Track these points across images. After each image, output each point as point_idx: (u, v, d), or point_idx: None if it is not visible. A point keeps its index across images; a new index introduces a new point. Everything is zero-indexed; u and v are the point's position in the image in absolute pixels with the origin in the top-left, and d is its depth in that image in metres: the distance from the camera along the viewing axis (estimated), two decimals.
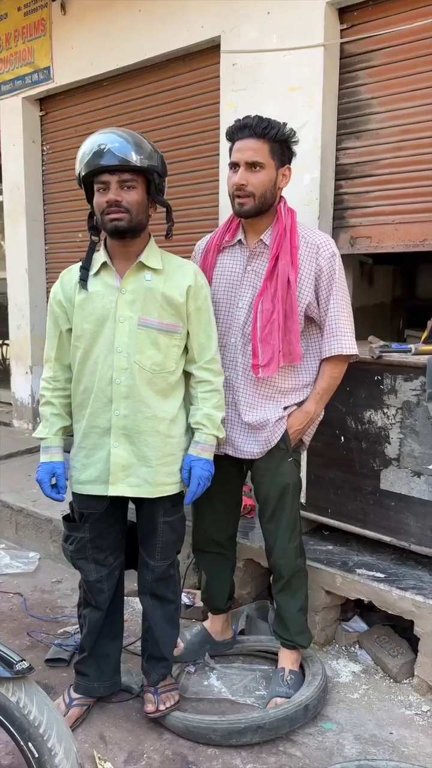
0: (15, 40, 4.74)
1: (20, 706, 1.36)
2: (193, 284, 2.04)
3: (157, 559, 2.16)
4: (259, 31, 3.36)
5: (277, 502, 2.26)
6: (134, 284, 2.00)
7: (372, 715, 2.26)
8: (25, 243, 4.99)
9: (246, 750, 2.08)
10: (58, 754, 1.35)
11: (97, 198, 1.94)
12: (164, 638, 2.22)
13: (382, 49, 3.10)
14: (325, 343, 2.20)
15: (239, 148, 2.11)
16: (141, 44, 3.93)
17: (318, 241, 2.16)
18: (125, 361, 1.99)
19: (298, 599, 2.35)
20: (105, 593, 2.19)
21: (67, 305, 2.06)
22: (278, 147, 2.11)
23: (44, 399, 2.16)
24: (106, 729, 2.18)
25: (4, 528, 3.74)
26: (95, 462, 2.07)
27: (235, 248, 2.26)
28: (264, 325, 2.14)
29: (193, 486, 2.09)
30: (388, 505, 2.50)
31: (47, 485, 2.12)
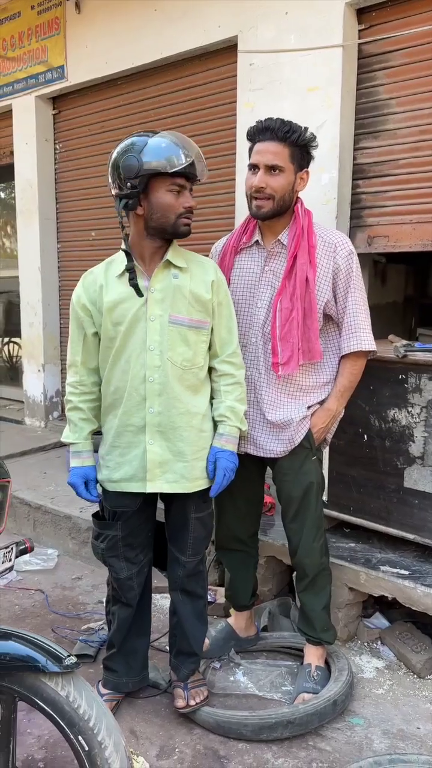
0: (28, 38, 4.75)
1: (70, 701, 1.38)
2: (216, 279, 2.09)
3: (188, 555, 2.19)
4: (276, 31, 3.37)
5: (300, 500, 2.29)
6: (162, 283, 2.03)
7: (398, 710, 2.29)
8: (38, 241, 5.00)
9: (276, 745, 2.10)
10: (108, 747, 1.37)
11: (170, 199, 1.97)
12: (194, 633, 2.25)
13: (400, 49, 3.12)
14: (344, 340, 2.22)
15: (260, 150, 2.13)
16: (156, 43, 3.94)
17: (335, 240, 2.19)
18: (158, 359, 2.02)
19: (322, 597, 2.37)
20: (135, 590, 2.22)
21: (92, 308, 2.07)
22: (298, 151, 2.14)
23: (71, 404, 2.17)
24: (137, 724, 2.21)
25: (21, 525, 3.77)
26: (130, 460, 2.09)
27: (253, 249, 2.29)
28: (283, 324, 2.17)
29: (219, 477, 2.11)
30: (411, 503, 2.52)
31: (82, 488, 2.15)
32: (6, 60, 4.93)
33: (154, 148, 1.91)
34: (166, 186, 1.95)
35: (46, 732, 2.15)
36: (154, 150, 1.91)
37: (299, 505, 2.29)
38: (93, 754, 1.36)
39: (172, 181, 1.94)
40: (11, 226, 5.81)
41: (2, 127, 5.28)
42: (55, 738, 2.12)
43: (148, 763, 2.02)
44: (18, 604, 3.03)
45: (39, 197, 4.95)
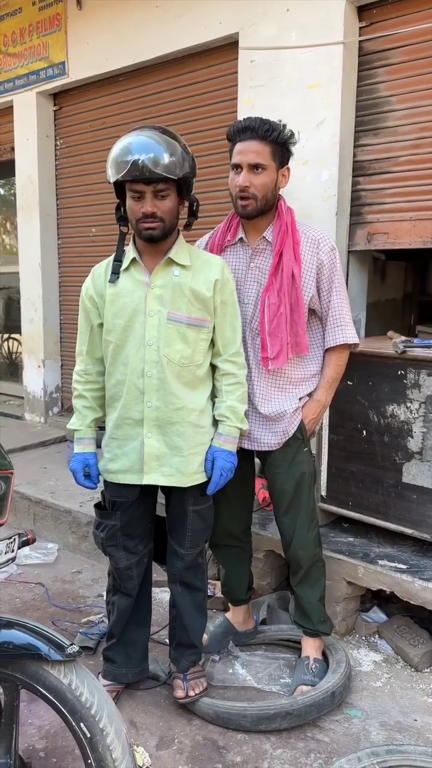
0: (29, 34, 4.75)
1: (72, 688, 1.40)
2: (220, 278, 2.09)
3: (186, 548, 2.21)
4: (277, 28, 3.38)
5: (293, 492, 2.31)
6: (163, 279, 2.04)
7: (395, 702, 2.31)
8: (38, 237, 5.01)
9: (275, 735, 2.12)
10: (110, 734, 1.39)
11: (132, 204, 1.98)
12: (193, 626, 2.27)
13: (400, 47, 3.13)
14: (329, 334, 2.27)
15: (241, 150, 2.14)
16: (157, 40, 3.95)
17: (317, 236, 2.23)
18: (155, 354, 2.04)
19: (317, 589, 2.39)
20: (134, 580, 2.24)
21: (98, 300, 2.11)
22: (279, 149, 2.16)
23: (76, 392, 2.22)
24: (136, 715, 2.23)
25: (22, 519, 3.78)
26: (128, 452, 2.12)
27: (237, 247, 2.31)
28: (272, 319, 2.20)
29: (215, 477, 2.14)
30: (410, 498, 2.54)
31: (80, 474, 2.19)
32: (7, 56, 4.94)
33: (112, 154, 1.95)
34: (128, 191, 1.98)
35: (47, 722, 2.17)
36: (111, 155, 1.95)
37: (292, 496, 2.32)
38: (95, 741, 1.38)
39: (130, 187, 1.95)
40: (11, 222, 5.82)
41: (3, 123, 5.29)
42: (55, 728, 2.15)
43: (147, 753, 2.04)
44: (18, 597, 3.05)
45: (39, 193, 4.96)
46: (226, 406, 2.15)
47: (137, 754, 2.03)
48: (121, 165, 1.90)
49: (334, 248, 2.25)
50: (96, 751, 1.38)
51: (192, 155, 2.02)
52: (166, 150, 1.90)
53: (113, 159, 1.94)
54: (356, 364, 2.61)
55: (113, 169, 1.94)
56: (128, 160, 1.88)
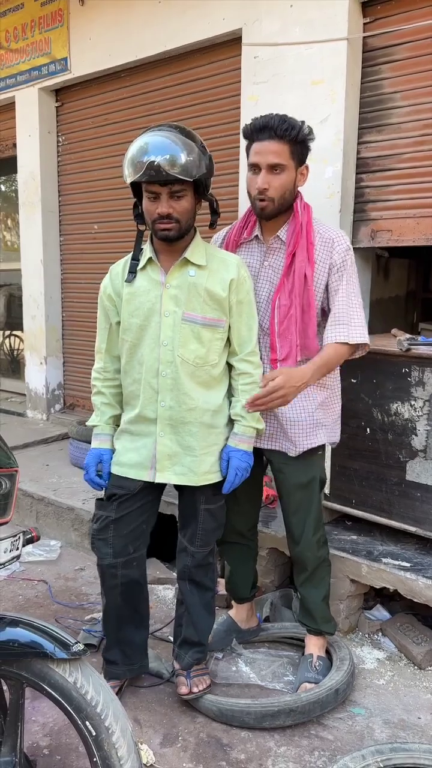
0: (31, 30, 4.74)
1: (77, 686, 1.40)
2: (236, 278, 2.08)
3: (197, 546, 2.21)
4: (281, 24, 3.37)
5: (303, 494, 2.30)
6: (178, 279, 2.04)
7: (399, 700, 2.31)
8: (40, 234, 5.00)
9: (279, 733, 2.12)
10: (115, 733, 1.39)
11: (147, 205, 1.98)
12: (201, 624, 2.27)
13: (405, 43, 3.12)
14: (329, 330, 2.13)
15: (259, 151, 2.10)
16: (160, 36, 3.94)
17: (333, 236, 2.18)
18: (170, 354, 2.04)
19: (321, 589, 2.39)
20: (117, 579, 2.19)
21: (116, 299, 2.12)
22: (298, 147, 2.12)
23: (95, 389, 2.25)
24: (140, 713, 2.23)
25: (24, 517, 3.79)
26: (139, 447, 2.12)
27: (252, 244, 2.29)
28: (282, 320, 2.18)
29: (231, 476, 2.13)
30: (413, 496, 2.54)
31: (93, 469, 2.19)
32: (9, 52, 4.92)
33: (129, 153, 1.94)
34: (144, 192, 1.97)
35: (51, 720, 2.17)
36: (128, 155, 1.94)
37: (301, 498, 2.30)
38: (100, 739, 1.38)
39: (146, 188, 1.95)
40: (13, 218, 5.81)
41: (5, 120, 5.27)
42: (60, 725, 2.15)
43: (151, 751, 2.04)
44: (21, 594, 3.05)
45: (42, 190, 4.94)
46: (242, 406, 2.13)
47: (141, 751, 2.03)
48: (137, 166, 1.89)
49: (348, 248, 2.19)
50: (101, 749, 1.38)
51: (209, 154, 1.99)
52: (182, 150, 1.88)
53: (130, 159, 1.92)
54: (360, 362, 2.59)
55: (130, 169, 1.92)
56: (144, 161, 1.87)
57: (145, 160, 1.86)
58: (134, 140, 1.95)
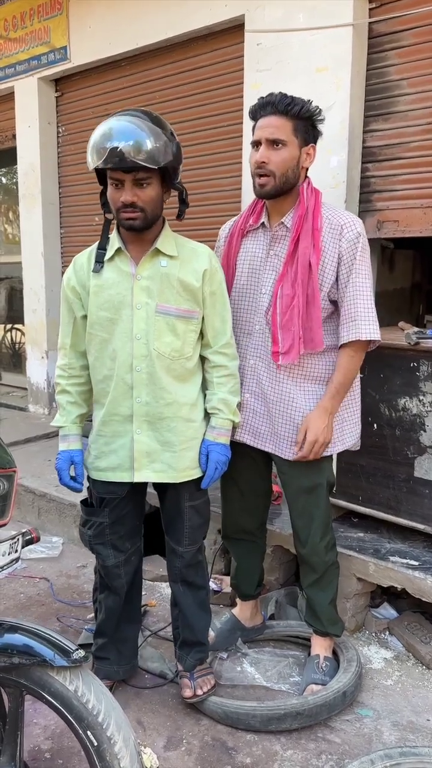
0: (30, 18, 4.66)
1: (78, 695, 1.35)
2: (209, 268, 2.03)
3: (185, 545, 2.16)
4: (285, 10, 3.29)
5: (309, 497, 2.24)
6: (150, 270, 1.98)
7: (407, 701, 2.26)
8: (41, 226, 4.94)
9: (285, 736, 2.08)
10: (118, 743, 1.35)
11: (111, 192, 1.90)
12: (198, 624, 2.23)
13: (411, 28, 3.04)
14: (342, 328, 2.10)
15: (261, 126, 2.05)
16: (161, 24, 3.86)
17: (342, 221, 2.08)
18: (145, 348, 1.98)
19: (329, 592, 2.34)
20: (122, 578, 2.19)
21: (81, 291, 2.03)
22: (302, 124, 2.04)
23: (60, 387, 2.15)
24: (143, 715, 2.19)
25: (26, 513, 3.74)
26: (116, 449, 2.06)
27: (259, 232, 2.22)
28: (284, 311, 2.09)
29: (210, 470, 2.10)
30: (422, 493, 2.49)
31: (66, 473, 2.11)
32: (8, 41, 4.84)
33: (92, 138, 1.85)
34: (109, 179, 1.90)
35: (53, 722, 2.14)
36: (91, 140, 1.86)
37: (307, 501, 2.24)
38: (102, 749, 1.34)
39: (110, 174, 1.88)
40: (14, 211, 5.74)
41: (4, 110, 5.20)
42: (61, 728, 2.11)
43: (155, 754, 2.00)
44: (23, 592, 3.02)
45: (42, 181, 4.88)
46: (219, 399, 2.09)
47: (145, 755, 1.98)
48: (100, 152, 1.81)
49: (359, 235, 2.07)
50: (103, 759, 1.33)
51: (177, 142, 1.92)
52: (148, 136, 1.79)
53: (93, 145, 1.84)
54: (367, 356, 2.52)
55: (93, 155, 1.84)
56: (107, 146, 1.78)
57: (108, 146, 1.78)
58: (98, 125, 1.86)
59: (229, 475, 2.37)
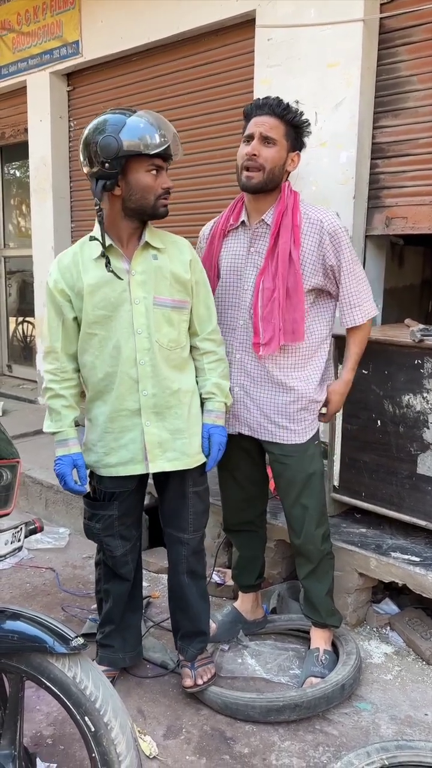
0: (43, 13, 4.68)
1: (76, 681, 1.38)
2: (192, 258, 2.10)
3: (190, 531, 2.20)
4: (295, 5, 3.29)
5: (303, 486, 2.27)
6: (143, 265, 2.01)
7: (406, 696, 2.28)
8: (52, 220, 4.97)
9: (283, 727, 2.11)
10: (114, 729, 1.37)
11: (149, 180, 1.93)
12: (202, 614, 2.28)
13: (422, 24, 3.03)
14: (344, 315, 2.24)
15: (256, 122, 2.12)
16: (172, 18, 3.87)
17: (320, 217, 2.15)
18: (147, 342, 2.01)
19: (325, 583, 2.36)
20: (130, 564, 2.25)
21: (70, 293, 2.01)
22: (293, 131, 2.14)
23: (52, 392, 2.09)
24: (144, 704, 2.22)
25: (34, 504, 3.79)
26: (126, 444, 2.08)
27: (239, 231, 2.27)
28: (265, 304, 2.16)
29: (215, 452, 2.15)
30: (424, 490, 2.49)
31: (70, 478, 2.09)
32: (21, 35, 4.87)
33: (133, 128, 1.87)
34: (145, 167, 1.91)
35: (55, 709, 2.17)
36: (133, 130, 1.87)
37: (301, 490, 2.27)
38: (99, 734, 1.37)
39: (151, 161, 1.91)
40: (26, 204, 5.78)
41: (16, 104, 5.24)
42: (63, 715, 2.14)
43: (155, 742, 2.03)
44: (29, 582, 3.06)
45: (53, 175, 4.91)
46: (212, 383, 2.15)
47: (144, 743, 2.02)
48: (156, 138, 1.87)
49: (338, 228, 2.14)
50: (100, 745, 1.36)
51: None
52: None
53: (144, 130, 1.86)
54: (372, 353, 2.55)
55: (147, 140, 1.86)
56: (165, 135, 1.89)
57: (168, 134, 1.89)
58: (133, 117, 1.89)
59: (226, 468, 2.43)
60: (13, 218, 6.10)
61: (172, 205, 2.07)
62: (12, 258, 6.03)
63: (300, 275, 2.13)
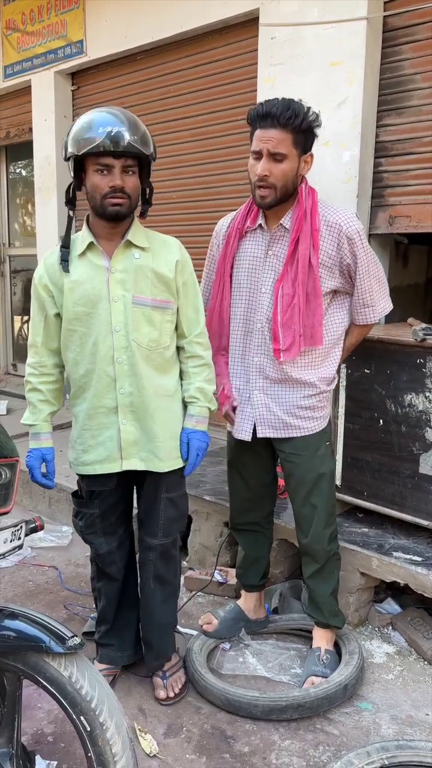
0: (47, 12, 4.68)
1: (72, 681, 1.38)
2: (180, 259, 2.06)
3: (160, 537, 2.19)
4: (299, 4, 3.27)
5: (313, 485, 2.27)
6: (123, 263, 2.00)
7: (407, 696, 2.28)
8: (56, 219, 4.97)
9: (284, 726, 2.11)
10: (110, 729, 1.38)
11: (97, 179, 1.90)
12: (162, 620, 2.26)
13: (426, 22, 3.01)
14: (356, 312, 2.25)
15: (262, 138, 2.05)
16: (176, 17, 3.86)
17: (339, 219, 2.13)
18: (124, 340, 2.01)
19: (330, 583, 2.36)
20: (117, 563, 2.24)
21: (53, 289, 2.03)
22: (302, 136, 2.06)
23: (30, 385, 2.14)
24: (145, 702, 2.23)
25: (37, 502, 3.80)
26: (103, 441, 2.08)
27: (257, 233, 2.24)
28: (285, 310, 2.14)
29: (192, 458, 2.14)
30: (426, 489, 2.49)
31: (38, 471, 2.12)
32: (25, 34, 4.87)
33: (74, 130, 1.89)
34: (93, 166, 1.90)
35: (56, 707, 2.17)
36: (74, 131, 1.89)
37: (311, 489, 2.27)
38: (95, 734, 1.37)
39: (96, 160, 1.88)
40: (31, 204, 5.79)
41: (21, 104, 5.24)
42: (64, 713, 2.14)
43: (155, 741, 2.04)
44: (32, 580, 3.07)
45: (57, 175, 4.90)
46: (195, 388, 2.13)
47: (145, 741, 2.03)
48: (88, 138, 1.84)
49: (357, 232, 2.13)
50: (96, 744, 1.36)
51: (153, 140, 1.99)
52: (134, 126, 1.89)
53: (79, 132, 1.87)
54: (374, 352, 2.55)
55: (79, 142, 1.86)
56: (99, 132, 1.83)
57: (101, 131, 1.83)
58: (79, 118, 1.90)
59: (235, 467, 2.43)
60: (19, 217, 6.11)
61: (175, 203, 2.07)
62: (17, 257, 6.05)
63: (318, 280, 2.11)
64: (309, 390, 2.24)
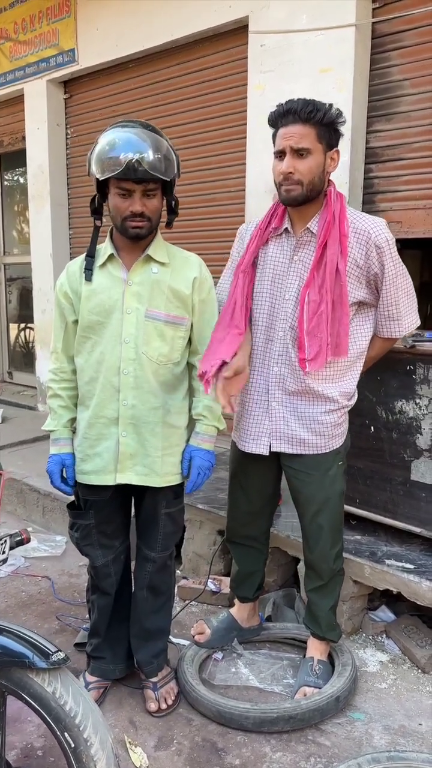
0: (39, 21, 4.70)
1: (56, 697, 1.37)
2: (199, 276, 2.05)
3: (158, 551, 2.19)
4: (288, 11, 3.29)
5: (321, 506, 2.22)
6: (141, 276, 2.00)
7: (401, 705, 2.26)
8: (50, 227, 4.99)
9: (275, 738, 2.09)
10: (94, 744, 1.36)
11: (118, 202, 1.91)
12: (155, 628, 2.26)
13: (414, 28, 3.03)
14: (381, 324, 2.16)
15: (284, 135, 1.99)
16: (167, 25, 3.88)
17: (368, 227, 2.04)
18: (133, 352, 2.01)
19: (330, 599, 2.33)
20: (112, 577, 2.23)
21: (73, 297, 2.05)
22: (325, 130, 1.99)
23: (51, 391, 2.16)
24: (136, 714, 2.21)
25: (31, 511, 3.79)
26: (101, 452, 2.07)
27: (282, 237, 2.17)
28: (311, 318, 2.05)
29: (194, 476, 2.11)
30: (418, 496, 2.48)
31: (57, 476, 2.13)
32: (17, 44, 4.89)
33: (98, 149, 1.89)
34: (115, 189, 1.91)
35: None
36: (97, 151, 1.89)
37: (318, 510, 2.22)
38: (79, 751, 1.36)
39: (117, 183, 1.89)
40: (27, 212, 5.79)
41: (14, 112, 5.26)
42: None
43: (145, 754, 2.02)
44: (24, 590, 3.05)
45: (50, 183, 4.93)
46: (204, 405, 2.11)
47: (135, 754, 2.01)
48: (112, 162, 1.84)
49: (387, 241, 2.04)
50: (80, 761, 1.35)
51: (176, 153, 1.96)
52: (157, 150, 1.86)
53: (102, 154, 1.87)
54: None
55: (102, 165, 1.87)
56: (121, 158, 1.82)
57: (123, 158, 1.82)
58: (104, 134, 1.90)
59: (238, 480, 2.38)
60: (16, 225, 6.12)
61: None
62: (12, 265, 6.05)
63: (346, 287, 2.03)
64: (330, 405, 2.15)
